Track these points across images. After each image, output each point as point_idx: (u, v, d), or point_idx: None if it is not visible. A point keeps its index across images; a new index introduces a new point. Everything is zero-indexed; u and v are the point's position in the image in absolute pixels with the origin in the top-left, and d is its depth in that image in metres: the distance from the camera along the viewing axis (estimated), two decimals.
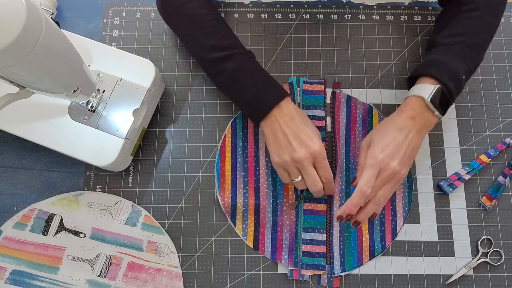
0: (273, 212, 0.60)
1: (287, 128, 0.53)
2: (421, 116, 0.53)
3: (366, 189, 0.51)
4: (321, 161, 0.53)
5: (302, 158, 0.52)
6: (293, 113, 0.54)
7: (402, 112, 0.54)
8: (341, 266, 0.58)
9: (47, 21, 0.38)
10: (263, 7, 0.70)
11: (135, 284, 0.57)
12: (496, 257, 0.60)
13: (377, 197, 0.53)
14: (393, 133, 0.53)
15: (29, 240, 0.58)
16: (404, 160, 0.52)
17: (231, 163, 0.62)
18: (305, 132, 0.53)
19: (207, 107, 0.65)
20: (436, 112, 0.53)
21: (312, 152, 0.52)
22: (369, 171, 0.51)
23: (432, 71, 0.53)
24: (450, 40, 0.56)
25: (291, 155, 0.53)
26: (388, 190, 0.53)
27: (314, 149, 0.52)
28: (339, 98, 0.65)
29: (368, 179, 0.51)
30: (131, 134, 0.57)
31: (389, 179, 0.52)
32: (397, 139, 0.52)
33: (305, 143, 0.52)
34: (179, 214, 0.61)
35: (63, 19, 0.69)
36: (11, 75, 0.41)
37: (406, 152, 0.52)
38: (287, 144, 0.53)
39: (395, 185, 0.54)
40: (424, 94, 0.52)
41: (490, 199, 0.61)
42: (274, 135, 0.54)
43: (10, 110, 0.48)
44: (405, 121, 0.53)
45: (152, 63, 0.59)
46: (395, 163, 0.51)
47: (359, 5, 0.70)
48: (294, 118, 0.54)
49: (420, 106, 0.53)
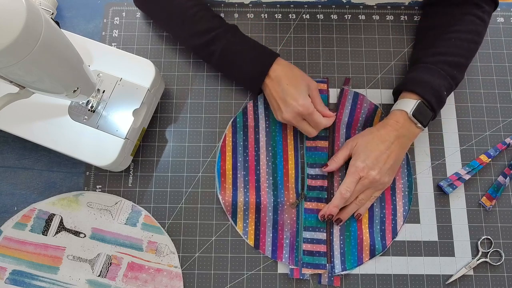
0: (274, 211, 0.60)
1: (275, 92, 0.58)
2: (404, 128, 0.57)
3: (345, 192, 0.57)
4: (308, 117, 0.57)
5: (289, 118, 0.57)
6: (280, 76, 0.58)
7: (387, 124, 0.58)
8: (341, 265, 0.58)
9: (47, 21, 0.38)
10: (263, 7, 0.70)
11: (135, 284, 0.57)
12: (496, 257, 0.60)
13: (358, 199, 0.58)
14: (376, 144, 0.57)
15: (29, 240, 0.58)
16: (385, 170, 0.57)
17: (232, 162, 0.62)
18: (290, 93, 0.57)
19: (207, 107, 0.65)
20: (418, 124, 0.57)
21: (297, 111, 0.56)
22: (350, 178, 0.57)
23: (415, 88, 0.57)
24: (433, 59, 0.59)
25: (282, 116, 0.58)
26: (369, 194, 0.59)
27: (298, 109, 0.56)
28: (345, 95, 0.65)
29: (348, 184, 0.57)
30: (131, 134, 0.57)
31: (370, 185, 0.57)
32: (379, 149, 0.57)
33: (289, 103, 0.56)
34: (179, 214, 0.61)
35: (63, 19, 0.69)
36: (11, 75, 0.41)
37: (386, 162, 0.57)
38: (277, 107, 0.58)
39: (377, 191, 0.59)
40: (407, 108, 0.57)
41: (490, 199, 0.61)
42: (269, 100, 0.60)
43: (10, 110, 0.48)
44: (388, 133, 0.57)
45: (152, 63, 0.59)
46: (375, 172, 0.56)
47: (359, 5, 0.70)
48: (280, 81, 0.57)
49: (403, 119, 0.57)
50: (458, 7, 0.60)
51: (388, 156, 0.57)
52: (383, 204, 0.61)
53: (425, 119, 0.57)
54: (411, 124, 0.57)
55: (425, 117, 0.57)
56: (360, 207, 0.59)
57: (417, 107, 0.56)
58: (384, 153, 0.56)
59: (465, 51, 0.59)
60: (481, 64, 0.67)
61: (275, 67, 0.58)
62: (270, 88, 0.59)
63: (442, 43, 0.60)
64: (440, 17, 0.62)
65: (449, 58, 0.58)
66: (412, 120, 0.57)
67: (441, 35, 0.60)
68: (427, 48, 0.61)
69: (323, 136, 0.63)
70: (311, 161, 0.62)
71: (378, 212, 0.61)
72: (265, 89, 0.60)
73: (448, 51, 0.59)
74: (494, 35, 0.69)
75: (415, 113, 0.56)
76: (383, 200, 0.61)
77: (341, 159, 0.59)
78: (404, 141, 0.58)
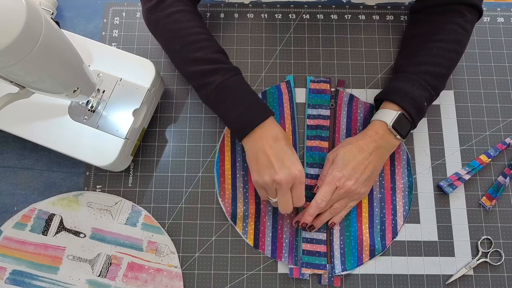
0: (274, 210, 0.60)
1: (270, 149, 0.53)
2: (384, 140, 0.57)
3: (320, 202, 0.55)
4: (298, 185, 0.54)
5: (282, 181, 0.52)
6: (278, 134, 0.54)
7: (366, 135, 0.57)
8: (341, 265, 0.58)
9: (47, 21, 0.38)
10: (263, 7, 0.70)
11: (135, 284, 0.57)
12: (496, 257, 0.60)
13: (332, 208, 0.58)
14: (354, 154, 0.56)
15: (29, 240, 0.58)
16: (361, 181, 0.56)
17: (231, 162, 0.62)
18: (288, 155, 0.54)
19: (207, 107, 0.65)
20: (397, 136, 0.57)
21: (293, 176, 0.53)
22: (326, 187, 0.56)
23: (395, 98, 0.57)
24: (415, 69, 0.59)
25: (272, 176, 0.53)
26: (344, 203, 0.58)
27: (295, 173, 0.53)
28: (341, 96, 0.65)
29: (324, 194, 0.55)
30: (131, 134, 0.57)
31: (345, 195, 0.57)
32: (357, 160, 0.56)
33: (287, 166, 0.53)
34: (179, 214, 0.61)
35: (63, 19, 0.69)
36: (11, 75, 0.41)
37: (364, 173, 0.56)
38: (269, 165, 0.53)
39: (353, 201, 0.59)
40: (387, 119, 0.56)
41: (490, 199, 0.61)
42: (256, 155, 0.54)
43: (10, 110, 0.48)
44: (367, 144, 0.57)
45: (152, 63, 0.59)
46: (351, 183, 0.56)
47: (359, 5, 0.70)
48: (278, 140, 0.54)
49: (383, 130, 0.57)
50: (442, 15, 0.60)
51: (366, 167, 0.56)
52: (383, 204, 0.61)
53: (404, 130, 0.57)
54: (390, 135, 0.57)
55: (404, 128, 0.57)
56: (334, 216, 0.59)
57: (397, 118, 0.56)
58: (362, 163, 0.56)
59: (447, 61, 0.58)
60: (481, 64, 0.67)
61: (272, 124, 0.55)
62: (264, 142, 0.54)
63: (424, 52, 0.59)
64: (423, 26, 0.62)
65: (431, 68, 0.58)
66: (391, 132, 0.56)
67: (424, 44, 0.60)
68: (409, 56, 0.61)
69: (323, 136, 0.63)
70: (311, 161, 0.62)
71: (378, 212, 0.61)
72: (254, 141, 0.55)
73: (429, 60, 0.58)
74: (494, 35, 0.69)
75: (394, 125, 0.56)
76: (383, 200, 0.61)
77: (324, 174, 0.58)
78: (382, 152, 0.57)
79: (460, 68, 0.67)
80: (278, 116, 0.64)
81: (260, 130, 0.54)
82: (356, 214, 0.61)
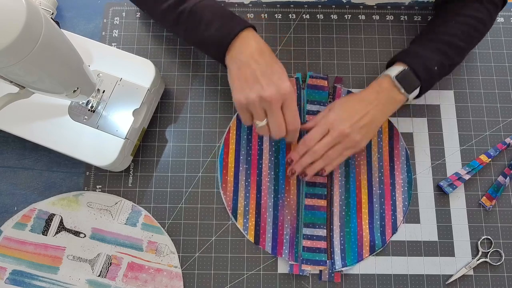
0: (274, 207, 0.60)
1: (255, 63, 0.48)
2: (387, 92, 0.55)
3: (308, 141, 0.54)
4: (290, 103, 0.49)
5: (271, 98, 0.47)
6: (262, 47, 0.50)
7: (369, 87, 0.57)
8: (341, 261, 0.58)
9: (47, 21, 0.38)
10: (263, 7, 0.70)
11: (135, 284, 0.57)
12: (496, 257, 0.60)
13: (326, 155, 0.55)
14: (353, 102, 0.55)
15: (29, 240, 0.58)
16: (357, 127, 0.53)
17: (235, 155, 0.62)
18: (275, 69, 0.49)
19: (207, 107, 0.65)
20: (402, 89, 0.55)
21: (283, 92, 0.48)
22: (317, 128, 0.54)
23: (405, 58, 0.56)
24: (431, 36, 0.58)
25: (259, 93, 0.48)
26: (338, 150, 0.54)
27: (285, 89, 0.48)
28: (339, 93, 0.65)
29: (313, 134, 0.54)
30: (131, 134, 0.57)
31: (339, 139, 0.54)
32: (355, 108, 0.54)
33: (275, 81, 0.48)
34: (179, 214, 0.61)
35: (63, 19, 0.69)
36: (11, 75, 0.41)
37: (361, 120, 0.53)
38: (254, 80, 0.48)
39: (347, 149, 0.55)
40: (392, 73, 0.55)
41: (490, 199, 0.61)
42: (239, 70, 0.49)
43: (10, 110, 0.48)
44: (369, 94, 0.55)
45: (152, 63, 0.59)
46: (345, 126, 0.53)
47: (359, 5, 0.70)
48: (263, 53, 0.49)
49: (387, 83, 0.55)
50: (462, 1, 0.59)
51: (364, 115, 0.53)
52: (382, 200, 0.61)
53: (410, 86, 0.55)
54: (393, 88, 0.55)
55: (409, 84, 0.55)
56: (327, 164, 0.55)
57: (403, 73, 0.54)
58: (360, 111, 0.54)
59: (465, 35, 0.57)
60: (481, 64, 0.67)
61: (255, 35, 0.51)
62: (247, 55, 0.49)
63: (444, 24, 0.59)
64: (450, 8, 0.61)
65: (446, 37, 0.57)
66: (395, 85, 0.55)
67: (446, 18, 0.59)
68: (428, 26, 0.61)
69: None
70: None
71: (378, 208, 0.61)
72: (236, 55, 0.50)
73: (447, 30, 0.57)
74: (494, 35, 0.69)
75: (399, 78, 0.54)
76: (383, 196, 0.61)
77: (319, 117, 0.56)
78: (384, 104, 0.55)
79: (460, 68, 0.67)
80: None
81: (242, 42, 0.50)
82: (356, 210, 0.61)
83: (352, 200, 0.61)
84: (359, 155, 0.63)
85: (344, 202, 0.61)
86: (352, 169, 0.62)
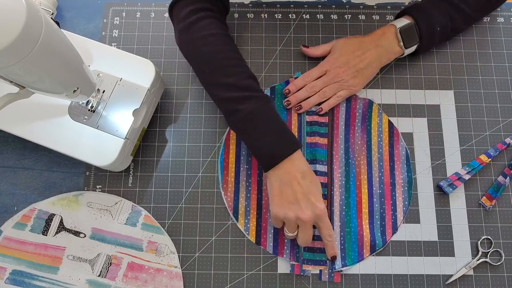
0: None
1: (297, 185, 0.53)
2: (386, 40, 0.61)
3: (306, 76, 0.62)
4: (323, 220, 0.54)
5: (307, 219, 0.52)
6: (305, 170, 0.54)
7: (372, 32, 0.62)
8: (342, 261, 0.58)
9: (47, 21, 0.39)
10: (263, 7, 0.70)
11: (135, 284, 0.57)
12: (496, 257, 0.60)
13: (322, 91, 0.62)
14: (353, 46, 0.61)
15: (29, 240, 0.58)
16: (352, 70, 0.60)
17: (235, 156, 0.62)
18: (314, 193, 0.54)
19: (207, 107, 0.65)
20: (400, 42, 0.61)
21: (318, 213, 0.53)
22: (316, 68, 0.63)
23: (413, 12, 0.61)
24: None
25: (297, 214, 0.53)
26: (334, 88, 0.61)
27: (320, 210, 0.53)
28: None
29: (311, 72, 0.62)
30: (131, 134, 0.57)
31: (335, 80, 0.61)
32: (354, 53, 0.61)
33: (312, 204, 0.53)
34: (179, 214, 0.61)
35: (63, 19, 0.69)
36: (11, 75, 0.41)
37: (356, 65, 0.60)
38: (294, 201, 0.53)
39: (343, 90, 0.62)
40: (398, 24, 0.61)
41: (490, 199, 0.61)
42: (281, 188, 0.54)
43: (10, 110, 0.48)
44: (369, 41, 0.61)
45: (152, 63, 0.59)
46: (341, 69, 0.61)
47: (359, 5, 0.70)
48: (306, 176, 0.54)
49: (390, 31, 0.61)
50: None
51: (361, 60, 0.60)
52: (382, 199, 0.61)
53: (409, 41, 0.61)
54: (394, 39, 0.61)
55: (410, 39, 0.60)
56: (322, 99, 0.62)
57: (408, 26, 0.60)
58: (358, 57, 0.60)
59: (476, 3, 0.62)
60: (481, 64, 0.67)
61: (300, 157, 0.55)
62: (291, 177, 0.53)
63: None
64: None
65: (457, 1, 0.61)
66: (396, 36, 0.60)
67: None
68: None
69: (322, 133, 0.63)
70: (311, 157, 0.62)
71: (378, 208, 0.61)
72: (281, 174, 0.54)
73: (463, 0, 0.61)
74: (494, 35, 0.69)
75: (402, 31, 0.60)
76: (383, 195, 0.61)
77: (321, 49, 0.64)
78: (381, 51, 0.61)
79: (460, 68, 0.67)
80: (285, 111, 0.64)
81: (289, 163, 0.54)
82: (356, 210, 0.61)
83: (352, 200, 0.61)
84: (359, 155, 0.63)
85: (344, 202, 0.61)
86: (352, 169, 0.62)
